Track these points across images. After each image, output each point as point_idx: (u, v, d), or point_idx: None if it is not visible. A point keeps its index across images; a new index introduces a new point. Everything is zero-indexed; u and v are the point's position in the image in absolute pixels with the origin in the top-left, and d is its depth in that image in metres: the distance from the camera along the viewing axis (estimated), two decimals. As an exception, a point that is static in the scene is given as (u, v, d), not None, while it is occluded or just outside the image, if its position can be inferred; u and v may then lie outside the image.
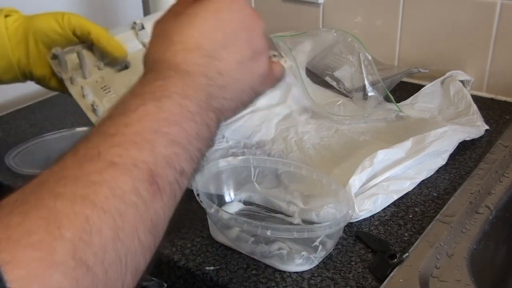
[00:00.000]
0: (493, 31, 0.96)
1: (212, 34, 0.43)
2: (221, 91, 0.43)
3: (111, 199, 0.32)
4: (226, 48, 0.43)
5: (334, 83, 0.98)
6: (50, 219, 0.29)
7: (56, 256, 0.28)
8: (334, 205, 0.65)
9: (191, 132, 0.38)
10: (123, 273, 0.32)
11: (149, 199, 0.34)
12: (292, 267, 0.60)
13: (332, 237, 0.61)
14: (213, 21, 0.44)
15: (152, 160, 0.35)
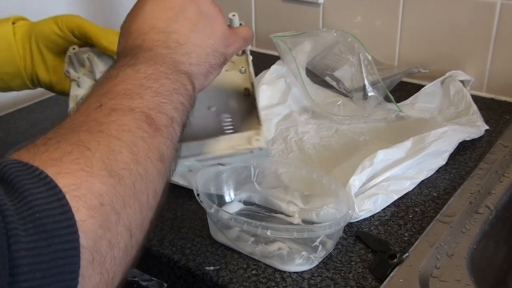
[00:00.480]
0: (493, 31, 0.96)
1: (161, 14, 0.49)
2: (185, 58, 0.47)
3: (122, 132, 0.38)
4: (178, 22, 0.48)
5: (334, 83, 0.98)
6: (79, 144, 0.35)
7: (94, 168, 0.34)
8: (334, 205, 0.65)
9: (169, 87, 0.43)
10: (146, 189, 0.38)
11: (152, 134, 0.39)
12: (292, 267, 0.60)
13: (332, 237, 0.61)
14: (157, 4, 0.49)
15: (145, 106, 0.40)
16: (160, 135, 0.40)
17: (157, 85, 0.42)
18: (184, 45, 0.48)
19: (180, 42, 0.47)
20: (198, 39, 0.49)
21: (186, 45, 0.48)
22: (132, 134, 0.38)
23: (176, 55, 0.47)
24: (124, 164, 0.36)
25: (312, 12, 1.15)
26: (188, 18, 0.49)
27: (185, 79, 0.46)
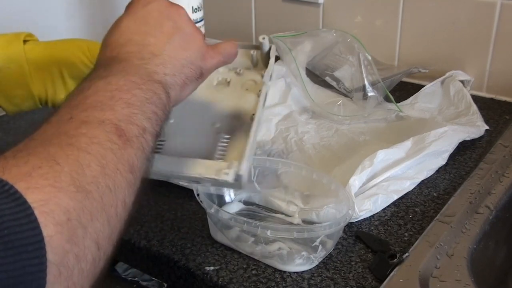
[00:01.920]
0: (493, 31, 0.96)
1: (138, 28, 0.50)
2: (159, 68, 0.48)
3: (91, 145, 0.38)
4: (154, 35, 0.50)
5: (334, 83, 0.98)
6: (48, 158, 0.35)
7: (62, 183, 0.34)
8: (334, 205, 0.65)
9: (140, 97, 0.44)
10: (115, 201, 0.38)
11: (121, 146, 0.40)
12: (292, 267, 0.60)
13: (332, 237, 0.61)
14: (135, 20, 0.51)
15: (115, 118, 0.41)
16: (130, 146, 0.41)
17: (129, 96, 0.43)
18: (159, 56, 0.48)
19: (154, 53, 0.48)
20: (173, 50, 0.50)
21: (161, 56, 0.49)
22: (101, 147, 0.38)
23: (150, 65, 0.47)
24: (92, 178, 0.37)
25: (312, 12, 1.15)
26: (164, 32, 0.50)
27: (158, 88, 0.46)
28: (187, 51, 0.51)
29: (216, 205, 0.60)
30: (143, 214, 0.70)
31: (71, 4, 1.12)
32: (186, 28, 0.52)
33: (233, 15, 0.59)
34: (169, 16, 0.51)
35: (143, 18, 0.51)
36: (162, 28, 0.50)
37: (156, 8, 0.52)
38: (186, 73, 0.50)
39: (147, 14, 0.51)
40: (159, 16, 0.51)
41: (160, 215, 0.70)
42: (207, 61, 0.53)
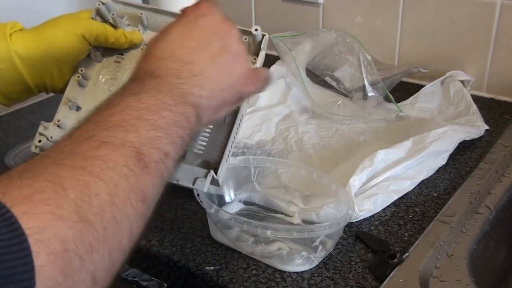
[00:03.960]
0: (493, 31, 0.96)
1: (184, 43, 0.48)
2: (196, 90, 0.46)
3: (106, 170, 0.36)
4: (199, 53, 0.48)
5: (334, 83, 0.98)
6: (56, 181, 0.34)
7: (63, 211, 0.33)
8: (334, 205, 0.65)
9: (169, 120, 0.42)
10: (120, 232, 0.37)
11: (138, 173, 0.38)
12: (292, 267, 0.60)
13: (332, 237, 0.61)
14: (184, 32, 0.49)
15: (138, 141, 0.39)
16: (147, 173, 0.39)
17: (157, 117, 0.41)
18: (198, 76, 0.46)
19: (194, 73, 0.46)
20: (215, 72, 0.48)
21: (200, 77, 0.47)
22: (116, 173, 0.37)
23: (186, 85, 0.45)
24: (99, 207, 0.35)
25: (312, 12, 1.15)
26: (209, 50, 0.48)
27: (190, 111, 0.44)
28: (229, 75, 0.49)
29: (216, 205, 0.60)
30: (143, 214, 0.70)
31: (70, 4, 1.12)
32: (234, 50, 0.50)
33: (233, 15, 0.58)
34: (219, 34, 0.49)
35: (192, 32, 0.49)
36: (209, 46, 0.48)
37: (208, 24, 0.49)
38: (223, 96, 0.48)
39: (197, 29, 0.49)
40: (209, 33, 0.49)
41: (160, 215, 0.70)
42: (248, 86, 0.51)
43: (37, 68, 0.63)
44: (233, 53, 0.49)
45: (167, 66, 0.46)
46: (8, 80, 0.62)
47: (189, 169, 0.59)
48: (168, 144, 0.41)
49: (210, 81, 0.47)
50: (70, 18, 0.64)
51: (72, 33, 0.62)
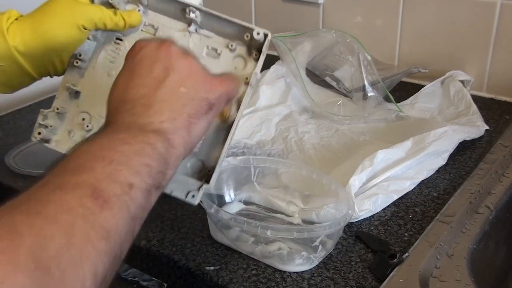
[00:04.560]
0: (493, 31, 0.96)
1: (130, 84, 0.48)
2: (154, 117, 0.45)
3: (60, 213, 0.36)
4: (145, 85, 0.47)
5: (334, 83, 0.98)
6: (11, 229, 0.33)
7: (20, 259, 0.32)
8: (334, 205, 0.65)
9: (127, 151, 0.42)
10: (82, 275, 0.35)
11: (96, 210, 0.37)
12: (292, 267, 0.60)
13: (332, 237, 0.61)
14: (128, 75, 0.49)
15: (93, 178, 0.39)
16: (108, 208, 0.38)
17: (112, 153, 0.41)
18: (152, 105, 0.46)
19: (147, 104, 0.46)
20: (167, 94, 0.47)
21: (154, 105, 0.46)
22: (71, 214, 0.36)
23: (142, 118, 0.45)
24: (55, 251, 0.34)
25: (312, 12, 1.15)
26: (154, 78, 0.48)
27: (153, 138, 0.44)
28: (186, 88, 0.48)
29: (216, 205, 0.60)
30: (143, 214, 0.70)
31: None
32: (179, 66, 0.49)
33: (233, 15, 0.58)
34: (158, 59, 0.49)
35: (134, 71, 0.49)
36: (152, 74, 0.48)
37: (145, 55, 0.49)
38: (188, 111, 0.47)
39: (138, 65, 0.49)
40: (148, 63, 0.48)
41: (160, 215, 0.70)
42: (215, 89, 0.50)
43: (38, 60, 0.62)
44: (180, 69, 0.49)
45: (120, 110, 0.46)
46: (11, 74, 0.62)
47: (184, 180, 0.59)
48: (131, 175, 0.40)
49: (166, 104, 0.46)
50: (68, 5, 0.62)
51: (71, 24, 0.61)
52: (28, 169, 0.81)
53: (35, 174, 0.80)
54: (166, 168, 0.44)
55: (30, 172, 0.81)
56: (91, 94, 0.65)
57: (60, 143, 0.66)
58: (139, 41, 0.51)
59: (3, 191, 0.80)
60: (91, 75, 0.66)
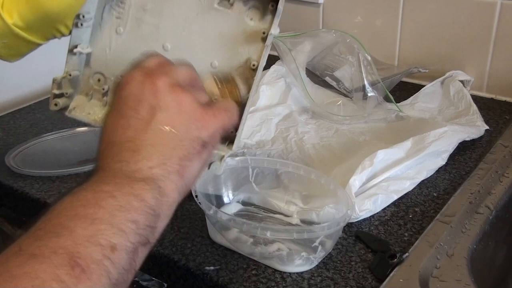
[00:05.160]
0: (493, 31, 0.96)
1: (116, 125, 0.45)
2: (142, 163, 0.42)
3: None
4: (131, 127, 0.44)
5: (334, 83, 0.98)
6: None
7: None
8: (333, 205, 0.65)
9: (111, 207, 0.38)
10: None
11: (73, 282, 0.34)
12: (292, 267, 0.60)
13: (331, 237, 0.61)
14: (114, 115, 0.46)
15: (71, 243, 0.36)
16: (87, 278, 0.35)
17: (95, 210, 0.38)
18: (139, 150, 0.43)
19: (134, 149, 0.43)
20: (155, 137, 0.43)
21: (142, 150, 0.43)
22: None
23: (130, 165, 0.42)
24: None
25: (312, 12, 1.15)
26: (140, 119, 0.44)
27: (140, 188, 0.40)
28: (175, 129, 0.44)
29: (215, 206, 0.60)
30: (143, 214, 0.70)
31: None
32: (165, 102, 0.44)
33: (233, 15, 0.58)
34: (144, 96, 0.45)
35: (120, 110, 0.45)
36: (139, 115, 0.44)
37: (131, 93, 0.45)
38: (179, 154, 0.44)
39: (124, 104, 0.45)
40: (133, 101, 0.45)
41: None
42: (207, 125, 0.46)
43: (41, 30, 0.60)
44: (167, 106, 0.45)
45: (107, 155, 0.43)
46: (17, 46, 0.60)
47: None
48: (114, 235, 0.37)
49: (155, 148, 0.43)
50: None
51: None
52: (28, 169, 0.81)
53: (35, 174, 0.80)
54: (156, 221, 0.41)
55: (30, 172, 0.81)
56: (102, 54, 0.63)
57: (79, 109, 0.64)
58: (125, 75, 0.47)
59: (3, 191, 0.80)
60: (99, 34, 0.63)
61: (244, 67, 0.59)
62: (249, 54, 0.59)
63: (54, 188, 0.77)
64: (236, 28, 0.59)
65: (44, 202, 0.75)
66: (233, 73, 0.59)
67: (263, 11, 0.58)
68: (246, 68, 0.59)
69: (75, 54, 0.63)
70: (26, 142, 0.89)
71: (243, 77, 0.59)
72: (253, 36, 0.59)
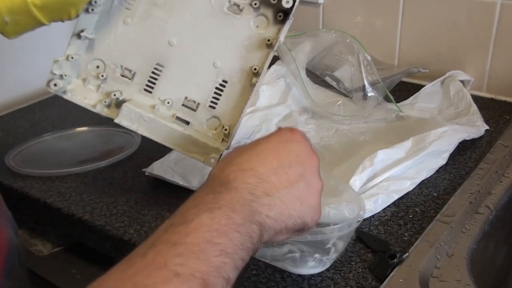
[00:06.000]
0: (493, 31, 0.96)
1: (267, 160, 0.48)
2: (264, 209, 0.46)
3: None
4: (278, 174, 0.48)
5: (334, 83, 0.98)
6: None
7: None
8: (344, 206, 0.64)
9: (236, 242, 0.42)
10: None
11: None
12: (305, 269, 0.59)
13: (343, 239, 0.60)
14: (271, 150, 0.49)
15: (206, 270, 0.39)
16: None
17: (225, 241, 0.42)
18: (270, 197, 0.47)
19: (267, 192, 0.47)
20: (288, 197, 0.48)
21: (272, 198, 0.47)
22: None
23: (257, 203, 0.46)
24: None
25: (312, 12, 1.15)
26: (289, 175, 0.48)
27: (255, 231, 0.44)
28: (301, 204, 0.49)
29: None
30: (143, 214, 0.70)
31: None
32: (312, 182, 0.50)
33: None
34: (302, 162, 0.50)
35: (278, 153, 0.49)
36: (290, 171, 0.49)
37: (295, 149, 0.50)
38: (288, 223, 0.48)
39: (284, 151, 0.50)
40: (293, 158, 0.49)
41: (160, 215, 0.70)
42: (316, 217, 0.50)
43: (54, 12, 0.62)
44: (310, 185, 0.50)
45: (245, 179, 0.47)
46: (24, 24, 0.61)
47: (203, 145, 0.62)
48: (231, 270, 0.41)
49: (281, 205, 0.47)
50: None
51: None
52: (28, 169, 0.81)
53: (35, 174, 0.80)
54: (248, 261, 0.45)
55: (30, 172, 0.81)
56: (105, 42, 0.65)
57: (75, 92, 0.66)
58: (299, 131, 0.53)
59: (3, 191, 0.80)
60: (105, 22, 0.65)
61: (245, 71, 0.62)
62: (252, 59, 0.62)
63: (54, 188, 0.77)
64: (242, 33, 0.62)
65: (44, 202, 0.75)
66: None
67: (270, 19, 0.61)
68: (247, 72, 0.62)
69: (80, 38, 0.64)
70: (26, 142, 0.89)
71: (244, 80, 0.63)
72: (258, 43, 0.62)
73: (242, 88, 0.63)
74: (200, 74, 0.64)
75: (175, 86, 0.65)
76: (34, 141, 0.90)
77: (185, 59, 0.64)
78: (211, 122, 0.64)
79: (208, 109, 0.64)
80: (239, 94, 0.62)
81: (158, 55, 0.65)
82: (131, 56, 0.65)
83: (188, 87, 0.65)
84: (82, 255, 0.79)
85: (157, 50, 0.65)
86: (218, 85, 0.64)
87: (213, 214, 0.43)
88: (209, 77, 0.64)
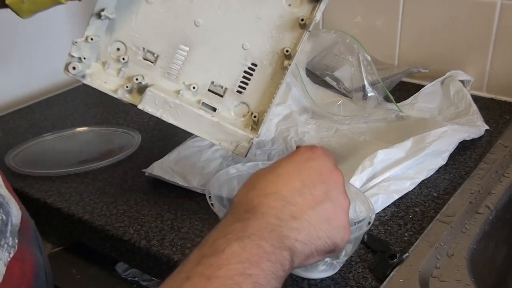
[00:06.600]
0: (493, 31, 0.96)
1: (290, 182, 0.48)
2: (293, 233, 0.45)
3: None
4: (302, 195, 0.47)
5: (334, 83, 0.98)
6: None
7: None
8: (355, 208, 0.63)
9: (268, 272, 0.42)
10: None
11: None
12: (316, 274, 0.59)
13: (354, 242, 0.59)
14: (292, 171, 0.48)
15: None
16: None
17: (258, 271, 0.41)
18: (297, 220, 0.46)
19: (294, 215, 0.46)
20: (315, 219, 0.47)
21: (299, 221, 0.46)
22: None
23: (285, 228, 0.45)
24: None
25: (312, 12, 1.15)
26: (313, 195, 0.48)
27: (285, 257, 0.44)
28: (329, 225, 0.48)
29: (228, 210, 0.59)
30: (143, 214, 0.70)
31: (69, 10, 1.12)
32: (337, 201, 0.49)
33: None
34: (326, 181, 0.49)
35: (300, 173, 0.48)
36: (314, 191, 0.48)
37: (318, 168, 0.49)
38: (318, 245, 0.47)
39: (306, 171, 0.49)
40: (316, 177, 0.48)
41: (160, 215, 0.70)
42: (346, 238, 0.49)
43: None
44: (336, 204, 0.49)
45: (269, 203, 0.46)
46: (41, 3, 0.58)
47: (233, 132, 0.59)
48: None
49: (309, 227, 0.46)
50: None
51: None
52: (28, 169, 0.81)
53: (35, 174, 0.80)
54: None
55: (30, 172, 0.81)
56: (126, 22, 0.61)
57: (94, 77, 0.62)
58: (319, 148, 0.51)
59: (3, 191, 0.80)
60: (127, 1, 0.61)
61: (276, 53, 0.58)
62: (284, 40, 0.58)
63: (54, 188, 0.77)
64: (273, 12, 0.58)
65: (44, 202, 0.75)
66: None
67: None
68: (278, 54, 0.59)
69: (100, 17, 0.60)
70: (26, 142, 0.89)
71: None
72: (291, 22, 0.58)
73: (272, 71, 0.59)
74: (228, 57, 0.60)
75: (201, 70, 0.61)
76: (34, 141, 0.90)
77: (212, 40, 0.60)
78: (239, 109, 0.61)
79: (236, 94, 0.61)
80: (269, 78, 0.59)
81: (183, 37, 0.61)
82: (154, 37, 0.61)
83: (214, 71, 0.61)
84: (82, 255, 0.79)
85: (182, 31, 0.61)
86: (247, 68, 0.60)
87: (243, 243, 0.42)
88: (237, 60, 0.60)
